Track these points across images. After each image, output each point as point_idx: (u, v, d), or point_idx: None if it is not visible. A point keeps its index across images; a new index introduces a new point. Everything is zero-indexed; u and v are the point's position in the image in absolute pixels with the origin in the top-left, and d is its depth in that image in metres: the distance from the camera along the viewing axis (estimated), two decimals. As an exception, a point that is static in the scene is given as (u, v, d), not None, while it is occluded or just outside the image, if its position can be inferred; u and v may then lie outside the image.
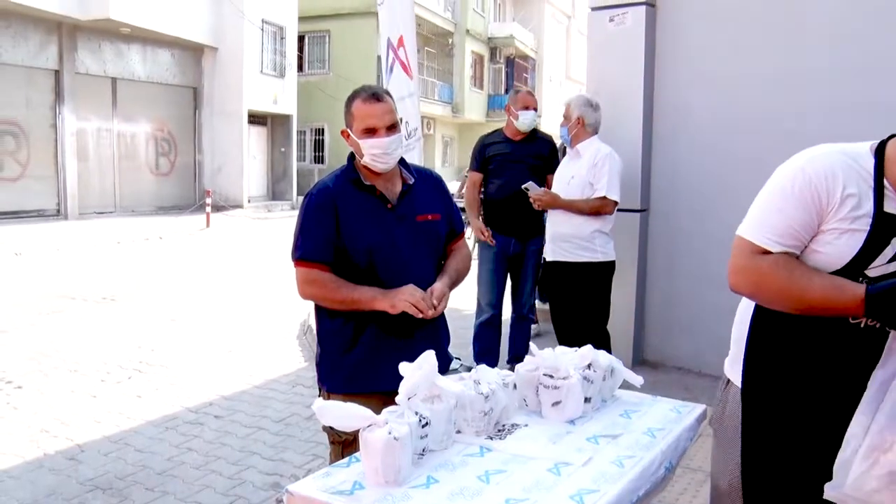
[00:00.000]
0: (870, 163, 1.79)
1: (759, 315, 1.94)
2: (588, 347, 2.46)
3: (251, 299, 9.01)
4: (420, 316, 2.47)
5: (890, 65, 4.52)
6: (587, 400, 2.35)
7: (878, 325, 1.76)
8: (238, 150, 23.32)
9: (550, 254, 4.87)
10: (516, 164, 5.24)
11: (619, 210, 4.78)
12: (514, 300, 5.56)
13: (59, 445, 4.41)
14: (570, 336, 4.65)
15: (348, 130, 2.59)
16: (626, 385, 2.57)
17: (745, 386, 1.98)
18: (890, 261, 1.77)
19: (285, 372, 5.95)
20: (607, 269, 4.77)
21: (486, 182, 5.43)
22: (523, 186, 4.78)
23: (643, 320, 5.82)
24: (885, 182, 1.77)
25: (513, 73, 38.35)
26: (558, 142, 5.64)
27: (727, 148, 5.25)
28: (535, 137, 5.38)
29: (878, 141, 1.82)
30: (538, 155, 5.30)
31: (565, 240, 4.71)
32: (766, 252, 1.84)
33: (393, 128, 2.55)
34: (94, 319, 7.78)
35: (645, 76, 5.59)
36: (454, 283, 2.72)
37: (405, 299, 2.46)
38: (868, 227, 1.76)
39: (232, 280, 10.44)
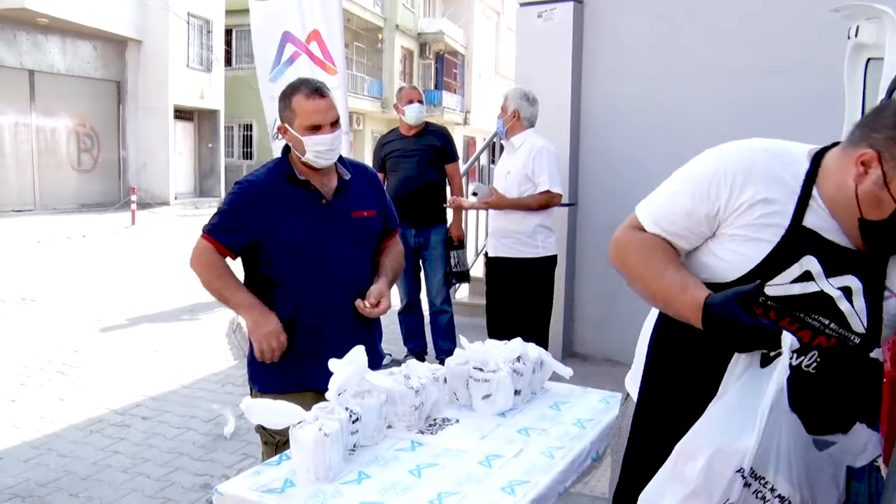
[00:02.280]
0: (802, 168, 1.60)
1: (661, 330, 1.78)
2: (517, 340, 2.48)
3: (178, 298, 8.82)
4: (268, 360, 2.50)
5: (810, 64, 4.67)
6: (517, 392, 2.37)
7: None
8: (164, 146, 22.81)
9: (492, 249, 4.91)
10: (409, 157, 5.42)
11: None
12: (427, 294, 5.67)
13: (-23, 452, 4.25)
14: (506, 332, 4.68)
15: (287, 126, 2.53)
16: (555, 377, 2.60)
17: (639, 401, 1.84)
18: (793, 281, 1.57)
19: (214, 371, 5.85)
20: (550, 263, 4.83)
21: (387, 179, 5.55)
22: (471, 191, 4.82)
23: (572, 313, 5.90)
24: (815, 192, 1.58)
25: (442, 68, 38.41)
26: (483, 137, 5.74)
27: (655, 142, 5.36)
28: (428, 130, 5.51)
29: (819, 147, 1.65)
30: (431, 147, 5.42)
31: (507, 235, 4.75)
32: (643, 230, 1.73)
33: (336, 123, 2.54)
34: (13, 321, 7.51)
35: (573, 71, 5.67)
36: (392, 282, 2.72)
37: (263, 335, 2.48)
38: (777, 238, 1.57)
39: (158, 278, 10.21)
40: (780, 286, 1.57)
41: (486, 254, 5.12)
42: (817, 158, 1.61)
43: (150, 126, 22.68)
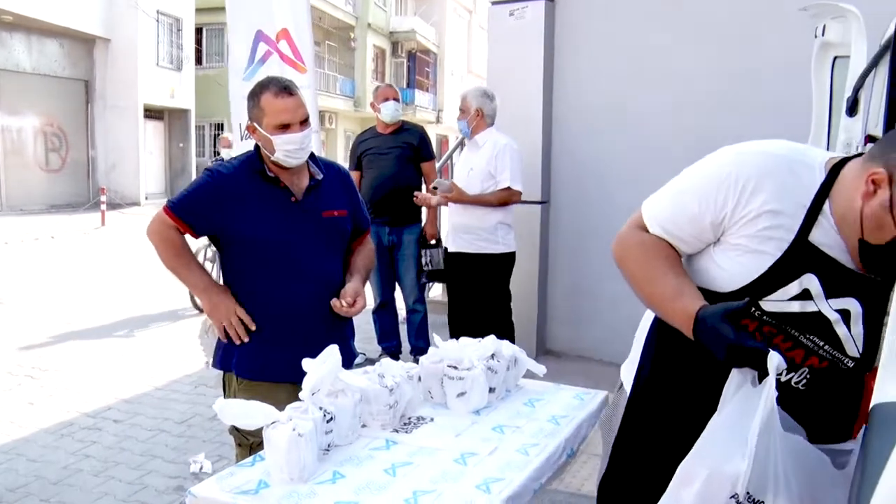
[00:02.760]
0: (817, 179, 1.53)
1: (659, 327, 1.76)
2: (491, 338, 2.49)
3: (150, 299, 8.74)
4: (235, 339, 2.51)
5: (777, 64, 4.72)
6: (491, 390, 2.38)
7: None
8: (134, 146, 22.56)
9: (453, 245, 4.93)
10: (384, 155, 5.43)
11: (520, 202, 4.87)
12: (402, 293, 5.68)
13: (-56, 457, 4.18)
14: (467, 327, 4.72)
15: (255, 125, 2.52)
16: (529, 374, 2.61)
17: (632, 395, 1.85)
18: (791, 299, 1.53)
19: (187, 372, 5.80)
20: (509, 260, 4.88)
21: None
22: (432, 186, 4.84)
23: (546, 311, 5.93)
24: (826, 206, 1.51)
25: (415, 67, 38.36)
26: (456, 136, 5.74)
27: (626, 140, 5.40)
28: (404, 129, 5.54)
29: (840, 157, 1.57)
30: (407, 145, 5.43)
31: (468, 231, 4.79)
32: (646, 230, 1.70)
33: (305, 122, 2.53)
34: (-20, 324, 7.40)
35: (545, 70, 5.69)
36: (365, 280, 2.72)
37: (220, 316, 2.51)
38: (779, 253, 1.51)
39: (130, 280, 10.10)
40: (778, 302, 1.54)
41: (445, 249, 5.15)
42: (835, 170, 1.53)
43: (119, 125, 22.42)
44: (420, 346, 5.53)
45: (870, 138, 3.12)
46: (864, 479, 1.10)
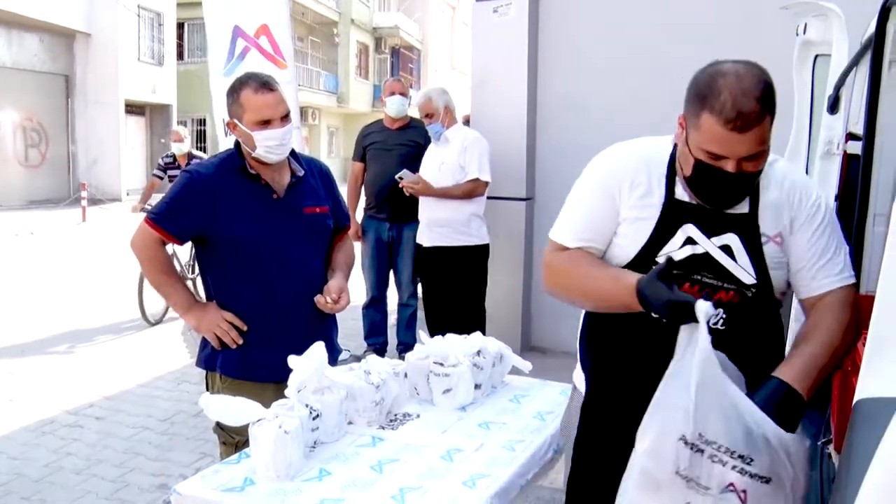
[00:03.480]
0: (667, 152, 1.80)
1: (590, 326, 1.96)
2: (477, 334, 2.50)
3: (132, 296, 8.67)
4: (231, 343, 2.50)
5: (760, 60, 4.74)
6: (477, 387, 2.39)
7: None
8: (115, 142, 22.38)
9: (427, 239, 4.95)
10: (388, 151, 5.43)
11: (504, 198, 4.89)
12: (397, 287, 5.69)
13: (-76, 456, 4.14)
14: (445, 320, 4.75)
15: (236, 122, 2.50)
16: (515, 371, 2.62)
17: (586, 394, 1.94)
18: (682, 247, 1.73)
19: (171, 369, 5.78)
20: (483, 252, 4.92)
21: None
22: (397, 176, 4.86)
23: (530, 307, 5.94)
24: (677, 167, 1.77)
25: (398, 63, 38.29)
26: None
27: (611, 134, 5.30)
28: (411, 126, 5.53)
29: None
30: (411, 142, 5.43)
31: (442, 225, 4.83)
32: (565, 248, 1.85)
33: (286, 118, 2.51)
34: (-41, 321, 7.33)
35: (529, 66, 5.70)
36: (347, 277, 2.72)
37: (208, 326, 2.50)
38: (657, 215, 1.75)
39: (111, 275, 10.02)
40: (673, 252, 1.73)
41: (418, 245, 5.16)
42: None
43: (100, 121, 22.23)
44: (405, 340, 5.54)
45: (851, 136, 3.15)
46: (849, 477, 1.11)
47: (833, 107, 3.14)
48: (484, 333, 2.57)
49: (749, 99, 1.61)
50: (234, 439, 2.46)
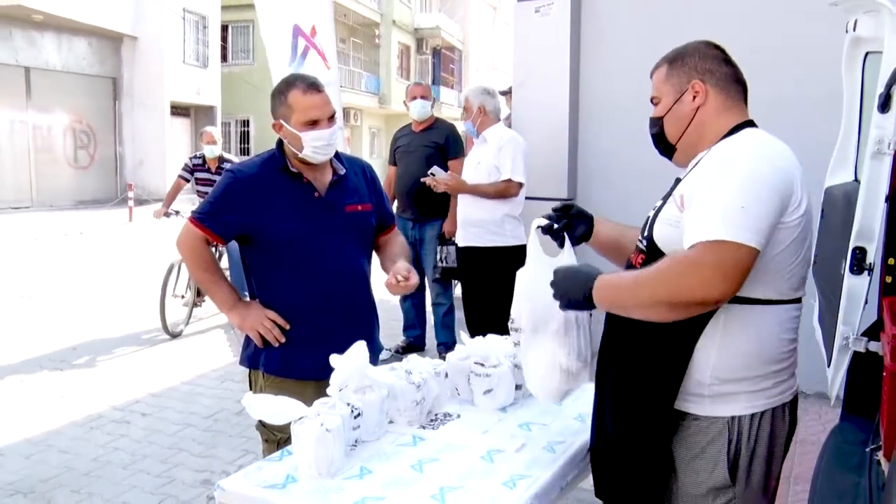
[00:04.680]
0: None
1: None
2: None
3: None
4: (273, 341, 2.53)
5: (808, 59, 4.67)
6: (518, 387, 2.37)
7: None
8: (160, 143, 22.76)
9: (462, 239, 4.98)
10: (412, 153, 5.62)
11: (546, 199, 4.85)
12: (427, 287, 5.81)
13: (-23, 449, 4.25)
14: (484, 320, 4.73)
15: (283, 123, 2.51)
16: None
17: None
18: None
19: (214, 367, 5.85)
20: (518, 252, 4.87)
21: None
22: (430, 172, 4.88)
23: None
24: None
25: (440, 63, 38.34)
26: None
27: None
28: (434, 126, 5.67)
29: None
30: (432, 143, 5.56)
31: (475, 225, 4.84)
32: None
33: (332, 118, 2.54)
34: (11, 318, 7.50)
35: (571, 66, 5.66)
36: (409, 261, 2.72)
37: (251, 325, 2.53)
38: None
39: (156, 275, 10.17)
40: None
41: (456, 244, 5.19)
42: None
43: (146, 122, 22.64)
44: (441, 340, 5.59)
45: (902, 134, 3.07)
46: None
47: (884, 105, 3.06)
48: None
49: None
50: (276, 437, 2.48)
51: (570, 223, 2.13)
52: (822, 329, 3.16)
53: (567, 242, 2.07)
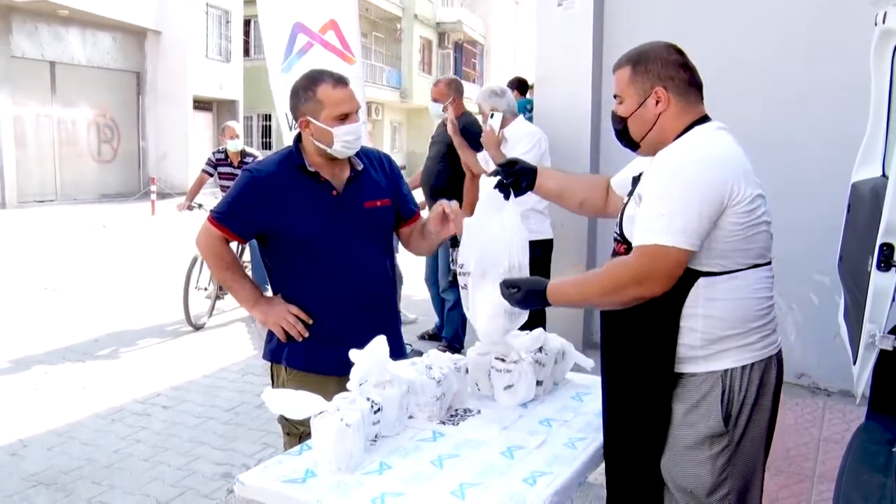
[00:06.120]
0: None
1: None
2: (539, 331, 2.47)
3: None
4: (297, 336, 2.53)
5: (834, 52, 4.60)
6: (539, 383, 2.36)
7: None
8: (183, 137, 22.89)
9: None
10: (432, 146, 5.79)
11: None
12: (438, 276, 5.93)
13: (0, 440, 4.29)
14: None
15: (310, 119, 2.47)
16: (576, 368, 2.59)
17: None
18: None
19: (235, 360, 5.88)
20: (544, 246, 4.85)
21: None
22: (490, 111, 4.77)
23: (593, 304, 5.87)
24: None
25: (461, 58, 38.27)
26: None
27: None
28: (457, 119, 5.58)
29: None
30: (439, 139, 5.64)
31: None
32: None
33: (358, 112, 2.53)
34: (35, 310, 7.58)
35: (594, 61, 5.61)
36: None
37: (275, 321, 2.54)
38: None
39: (179, 268, 10.24)
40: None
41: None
42: None
43: (169, 116, 22.78)
44: (445, 336, 5.61)
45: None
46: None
47: (914, 99, 3.02)
48: (545, 329, 2.55)
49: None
50: (298, 430, 2.48)
51: (516, 179, 2.39)
52: (848, 326, 3.12)
53: (511, 195, 2.35)
